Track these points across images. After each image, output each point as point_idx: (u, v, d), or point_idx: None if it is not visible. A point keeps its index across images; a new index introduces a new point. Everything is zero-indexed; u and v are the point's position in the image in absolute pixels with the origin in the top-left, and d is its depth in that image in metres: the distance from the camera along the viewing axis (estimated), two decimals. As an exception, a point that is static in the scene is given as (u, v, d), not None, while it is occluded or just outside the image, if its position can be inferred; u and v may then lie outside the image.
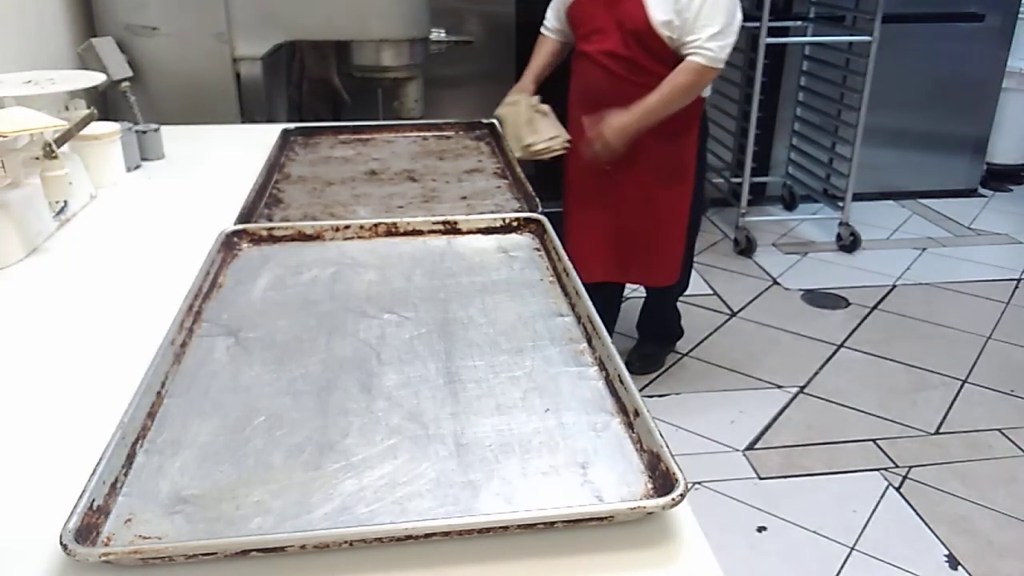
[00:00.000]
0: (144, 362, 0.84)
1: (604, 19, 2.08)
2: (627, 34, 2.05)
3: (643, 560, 0.65)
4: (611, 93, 2.12)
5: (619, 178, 2.23)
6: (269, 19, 2.09)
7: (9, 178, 1.21)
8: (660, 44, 2.04)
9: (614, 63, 2.10)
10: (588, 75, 2.17)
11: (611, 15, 2.07)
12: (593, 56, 2.12)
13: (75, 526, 0.62)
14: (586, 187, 2.28)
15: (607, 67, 2.11)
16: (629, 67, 2.09)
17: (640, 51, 2.06)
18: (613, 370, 0.85)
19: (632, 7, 2.02)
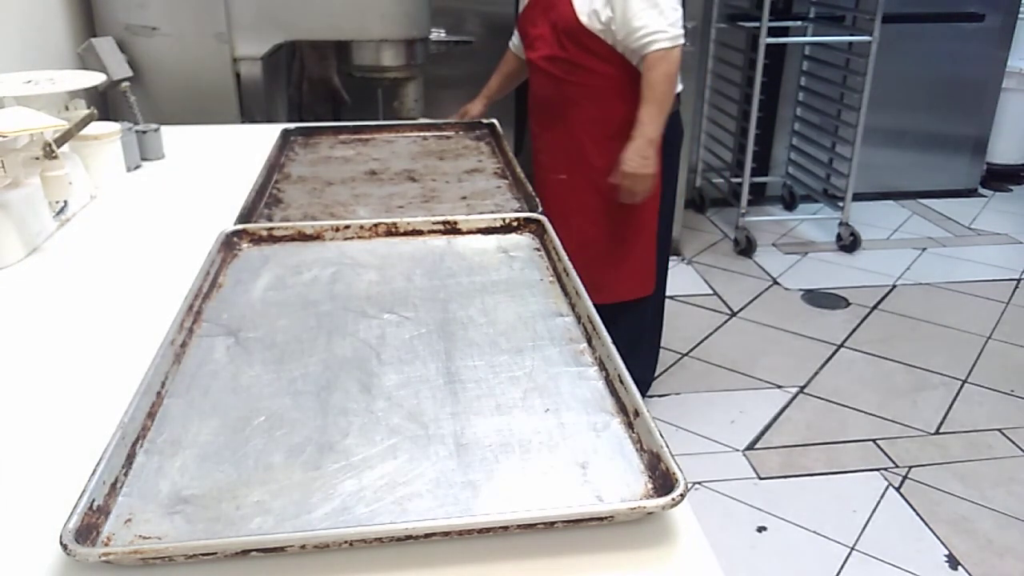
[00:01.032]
0: (144, 362, 0.84)
1: (543, 25, 2.04)
2: (561, 35, 2.01)
3: (643, 560, 0.65)
4: (555, 97, 2.09)
5: (573, 184, 2.13)
6: (269, 19, 2.09)
7: (9, 178, 1.21)
8: (594, 40, 1.98)
9: (554, 67, 2.05)
10: (534, 83, 2.14)
11: (547, 19, 2.03)
12: (536, 63, 2.09)
13: (75, 526, 0.62)
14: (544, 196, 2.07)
15: (549, 72, 2.07)
16: (568, 68, 2.03)
17: (576, 50, 2.00)
18: (613, 370, 0.85)
19: (562, 7, 1.98)
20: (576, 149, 2.09)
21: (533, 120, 2.19)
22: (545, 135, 2.16)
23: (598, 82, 2.03)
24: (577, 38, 1.98)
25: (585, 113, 2.06)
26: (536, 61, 2.08)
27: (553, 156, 2.14)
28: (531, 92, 2.17)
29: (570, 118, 2.08)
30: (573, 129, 2.09)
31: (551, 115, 2.10)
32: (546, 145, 2.16)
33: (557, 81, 2.05)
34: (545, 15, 2.03)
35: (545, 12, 2.03)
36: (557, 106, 2.08)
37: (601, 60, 2.00)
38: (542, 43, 2.04)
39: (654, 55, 1.95)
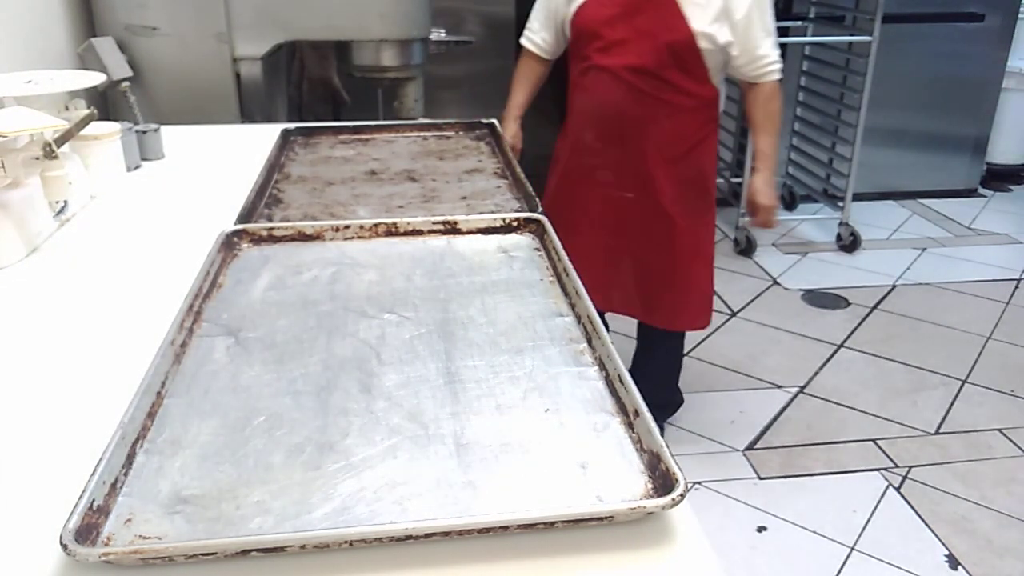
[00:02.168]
0: (144, 362, 0.84)
1: (626, 30, 1.85)
2: (661, 47, 1.83)
3: (643, 560, 0.65)
4: (634, 111, 1.92)
5: (639, 205, 2.01)
6: (269, 19, 2.09)
7: (9, 178, 1.21)
8: (696, 58, 1.85)
9: (639, 79, 1.88)
10: (606, 92, 1.93)
11: (635, 25, 1.84)
12: (614, 71, 1.89)
13: (75, 526, 0.62)
14: (605, 214, 2.04)
15: (631, 83, 1.88)
16: (657, 84, 1.88)
17: (673, 66, 1.86)
18: (613, 370, 0.85)
19: (668, 16, 1.81)
20: (645, 169, 1.96)
21: (593, 131, 1.99)
22: (611, 150, 1.98)
23: (682, 101, 1.91)
24: (682, 56, 1.84)
25: (662, 132, 1.94)
26: (615, 69, 1.89)
27: (620, 173, 2.00)
28: (595, 100, 1.97)
29: (645, 135, 1.94)
30: (646, 147, 1.95)
31: (623, 129, 1.94)
32: (611, 161, 1.99)
33: (639, 95, 1.89)
34: (633, 20, 1.85)
35: (633, 16, 1.85)
36: (634, 121, 1.92)
37: (694, 80, 1.89)
38: (628, 51, 1.86)
39: (772, 85, 1.92)
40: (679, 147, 1.95)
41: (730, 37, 1.82)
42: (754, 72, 1.90)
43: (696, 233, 2.07)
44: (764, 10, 1.84)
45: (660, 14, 1.82)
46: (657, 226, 2.02)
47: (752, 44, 1.85)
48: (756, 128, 1.98)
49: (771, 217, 1.99)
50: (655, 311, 2.14)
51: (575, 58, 1.98)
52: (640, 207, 2.00)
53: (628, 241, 2.05)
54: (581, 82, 1.97)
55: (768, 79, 1.91)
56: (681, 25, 1.80)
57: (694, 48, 1.83)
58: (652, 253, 2.06)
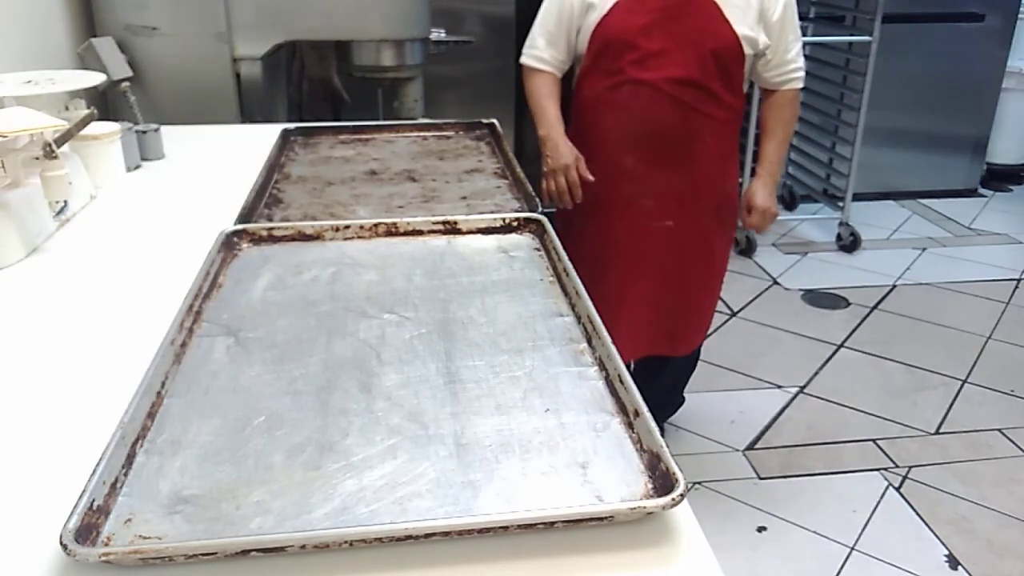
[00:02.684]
0: (144, 362, 0.84)
1: (664, 38, 1.68)
2: (706, 55, 1.68)
3: (643, 560, 0.65)
4: (681, 129, 1.75)
5: (678, 232, 1.84)
6: (269, 19, 2.09)
7: (9, 178, 1.21)
8: (739, 65, 1.73)
9: (684, 92, 1.71)
10: (648, 109, 1.73)
11: (675, 33, 1.68)
12: (655, 85, 1.71)
13: (75, 526, 0.62)
14: (643, 249, 1.85)
15: (675, 97, 1.71)
16: (701, 96, 1.72)
17: (718, 76, 1.71)
18: (613, 370, 0.85)
19: (711, 21, 1.67)
20: (691, 191, 1.81)
21: (634, 154, 1.78)
22: (654, 174, 1.79)
23: (723, 114, 1.78)
24: (726, 63, 1.71)
25: (708, 149, 1.80)
26: (656, 83, 1.70)
27: (662, 200, 1.81)
28: (633, 119, 1.75)
29: (692, 154, 1.79)
30: (694, 167, 1.80)
31: (668, 149, 1.77)
32: (654, 187, 1.80)
33: (685, 109, 1.73)
34: (671, 28, 1.68)
35: (671, 23, 1.68)
36: (679, 139, 1.76)
37: (731, 91, 1.77)
38: (669, 62, 1.69)
39: (794, 92, 1.85)
40: (719, 164, 1.85)
41: (768, 40, 1.73)
42: (780, 77, 1.82)
43: (726, 255, 1.96)
44: (794, 12, 1.75)
45: (702, 19, 1.68)
46: (696, 254, 1.88)
47: (784, 47, 1.77)
48: (767, 133, 1.88)
49: (765, 220, 1.89)
50: (680, 341, 2.00)
51: (597, 73, 1.77)
52: (680, 235, 1.84)
53: (664, 275, 1.87)
54: (613, 99, 1.75)
55: (792, 85, 1.83)
56: (726, 30, 1.68)
57: (739, 54, 1.71)
58: (688, 285, 1.90)
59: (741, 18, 1.68)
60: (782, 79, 1.82)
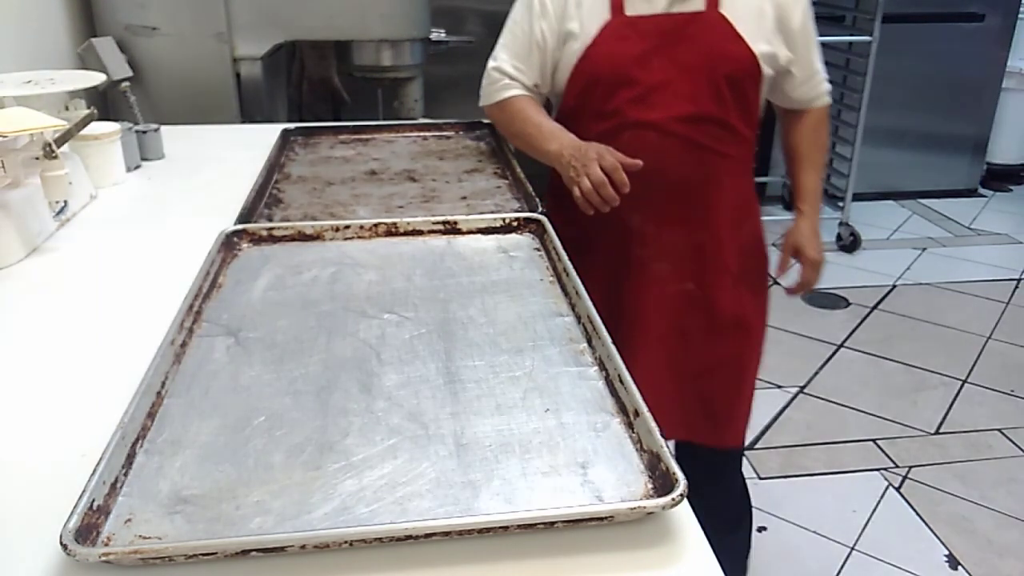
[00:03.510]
0: (144, 362, 0.84)
1: (666, 67, 1.36)
2: (719, 81, 1.36)
3: (643, 560, 0.65)
4: (697, 175, 1.43)
5: (701, 296, 1.50)
6: (269, 19, 2.09)
7: (9, 178, 1.21)
8: (757, 90, 1.42)
9: (698, 130, 1.39)
10: (657, 157, 1.36)
11: (678, 58, 1.36)
12: (662, 126, 1.38)
13: (75, 526, 0.62)
14: (661, 318, 1.50)
15: (688, 138, 1.39)
16: (716, 132, 1.40)
17: (733, 105, 1.39)
18: (613, 370, 0.85)
19: (722, 39, 1.36)
20: (713, 246, 1.48)
21: (643, 212, 1.43)
22: (668, 232, 1.46)
23: (741, 151, 1.47)
24: (743, 88, 1.39)
25: (728, 194, 1.47)
26: (663, 123, 1.38)
27: (679, 260, 1.48)
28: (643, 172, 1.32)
29: (710, 203, 1.46)
30: (714, 218, 1.47)
31: (683, 201, 1.44)
32: (668, 246, 1.47)
33: (700, 152, 1.41)
34: (676, 54, 1.36)
35: (671, 47, 1.36)
36: (696, 187, 1.44)
37: (749, 120, 1.45)
38: (675, 96, 1.37)
39: (824, 109, 1.55)
40: (741, 208, 1.53)
41: (789, 53, 1.43)
42: (809, 94, 1.52)
43: (763, 315, 1.62)
44: (812, 16, 1.46)
45: (710, 39, 1.36)
46: (725, 319, 1.53)
47: (809, 58, 1.47)
48: (801, 161, 1.57)
49: (818, 275, 1.58)
50: (723, 428, 1.61)
51: (585, 116, 1.42)
52: (704, 299, 1.51)
53: (690, 345, 1.53)
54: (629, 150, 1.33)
55: (822, 102, 1.54)
56: (740, 49, 1.36)
57: (757, 76, 1.39)
58: (719, 354, 1.56)
59: (757, 31, 1.37)
60: (811, 95, 1.53)
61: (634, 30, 1.37)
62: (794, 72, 1.46)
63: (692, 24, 1.36)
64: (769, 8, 1.39)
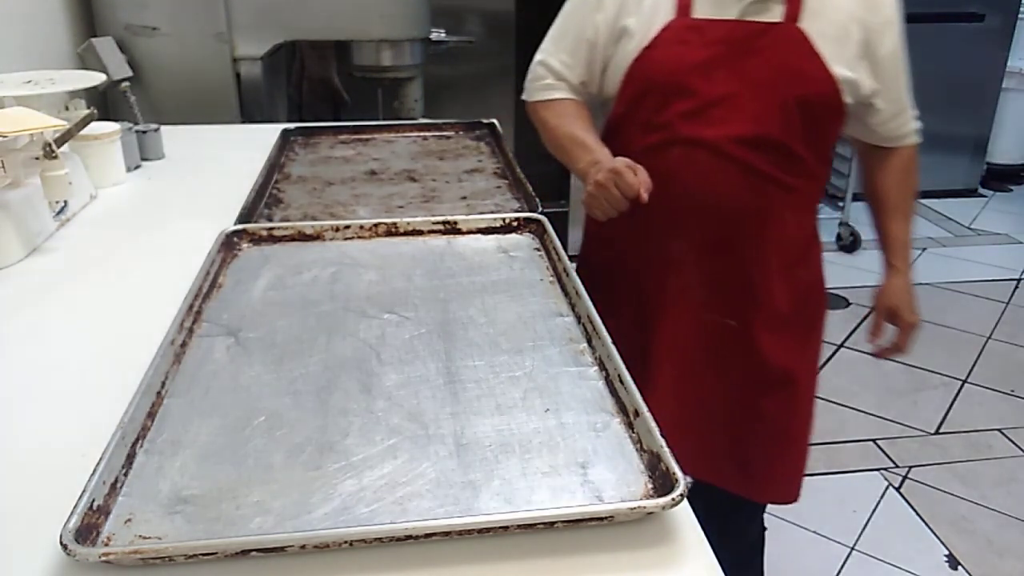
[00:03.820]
0: (144, 362, 0.84)
1: (730, 80, 1.21)
2: (789, 104, 1.21)
3: (643, 560, 0.65)
4: (751, 205, 1.27)
5: (743, 335, 1.35)
6: (269, 19, 2.09)
7: (9, 178, 1.21)
8: (832, 119, 1.28)
9: (758, 155, 1.23)
10: (707, 180, 1.25)
11: (745, 73, 1.21)
12: (717, 146, 1.23)
13: (75, 526, 0.62)
14: (696, 345, 1.37)
15: (746, 163, 1.23)
16: (781, 160, 1.25)
17: (801, 132, 1.24)
18: (613, 370, 0.85)
19: (798, 58, 1.21)
20: (763, 285, 1.32)
21: (685, 239, 1.31)
22: (710, 262, 1.32)
23: (805, 184, 1.31)
24: (816, 116, 1.24)
25: (786, 231, 1.32)
26: (719, 143, 1.23)
27: (721, 292, 1.34)
28: (687, 194, 1.26)
29: (763, 237, 1.30)
30: (762, 254, 1.31)
31: (732, 231, 1.29)
32: (709, 276, 1.33)
33: (757, 180, 1.25)
34: (743, 68, 1.21)
35: (742, 63, 1.21)
36: (748, 218, 1.29)
37: (819, 153, 1.30)
38: (737, 114, 1.22)
39: (913, 149, 1.38)
40: (799, 247, 1.37)
41: (875, 84, 1.26)
42: (896, 131, 1.34)
43: (814, 372, 1.47)
44: (902, 46, 1.28)
45: (784, 54, 1.21)
46: (767, 366, 1.38)
47: (899, 91, 1.30)
48: (890, 209, 1.39)
49: (913, 340, 1.42)
50: (753, 479, 1.46)
51: (632, 126, 1.30)
52: (746, 338, 1.36)
53: (728, 386, 1.39)
54: (655, 164, 1.20)
55: (911, 140, 1.36)
56: (818, 70, 1.20)
57: (836, 104, 1.24)
58: (761, 407, 1.41)
59: (838, 53, 1.21)
60: (900, 132, 1.35)
61: (699, 35, 1.22)
62: (878, 106, 1.29)
63: (766, 36, 1.21)
64: (856, 30, 1.22)
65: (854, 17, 1.22)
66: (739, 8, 1.21)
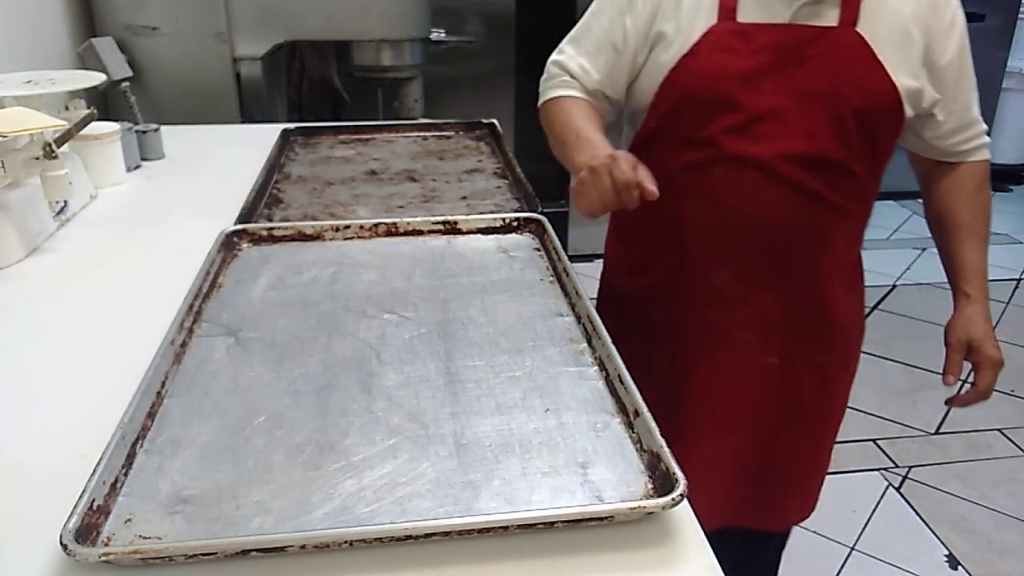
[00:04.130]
0: (144, 362, 0.84)
1: (778, 92, 1.10)
2: (847, 117, 1.10)
3: (643, 560, 0.65)
4: (804, 231, 1.16)
5: (790, 370, 1.25)
6: (269, 19, 2.09)
7: (9, 178, 1.21)
8: (891, 132, 1.16)
9: (813, 175, 1.12)
10: (752, 202, 1.14)
11: (796, 83, 1.09)
12: (767, 165, 1.11)
13: (75, 526, 0.62)
14: (734, 398, 1.26)
15: (799, 184, 1.12)
16: (838, 180, 1.14)
17: (859, 147, 1.13)
18: (613, 370, 0.85)
19: (857, 65, 1.09)
20: (812, 317, 1.23)
21: (732, 268, 1.19)
22: (762, 297, 1.20)
23: (860, 206, 1.22)
24: (873, 128, 1.12)
25: (838, 256, 1.22)
26: (769, 161, 1.11)
27: (769, 331, 1.22)
28: (735, 218, 1.15)
29: (819, 266, 1.20)
30: (819, 284, 1.21)
31: (785, 261, 1.18)
32: (761, 315, 1.21)
33: (811, 201, 1.14)
34: (794, 78, 1.09)
35: (792, 72, 1.09)
36: (801, 246, 1.18)
37: (875, 169, 1.20)
38: (788, 128, 1.10)
39: (984, 165, 1.25)
40: (849, 275, 1.27)
41: (936, 94, 1.15)
42: (965, 145, 1.22)
43: (846, 397, 1.37)
44: (969, 51, 1.16)
45: (841, 62, 1.09)
46: (807, 402, 1.28)
47: (964, 102, 1.18)
48: (958, 230, 1.25)
49: (994, 378, 1.29)
50: (771, 511, 1.39)
51: (668, 141, 1.18)
52: (788, 376, 1.25)
53: (758, 428, 1.29)
54: (696, 185, 1.15)
55: (981, 155, 1.24)
56: (879, 79, 1.09)
57: (897, 116, 1.12)
58: (792, 441, 1.31)
59: (902, 60, 1.10)
60: (968, 147, 1.22)
61: (745, 41, 1.10)
62: (940, 117, 1.18)
63: (819, 41, 1.09)
64: (917, 34, 1.10)
65: (916, 19, 1.10)
66: (790, 11, 1.09)
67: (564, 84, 1.23)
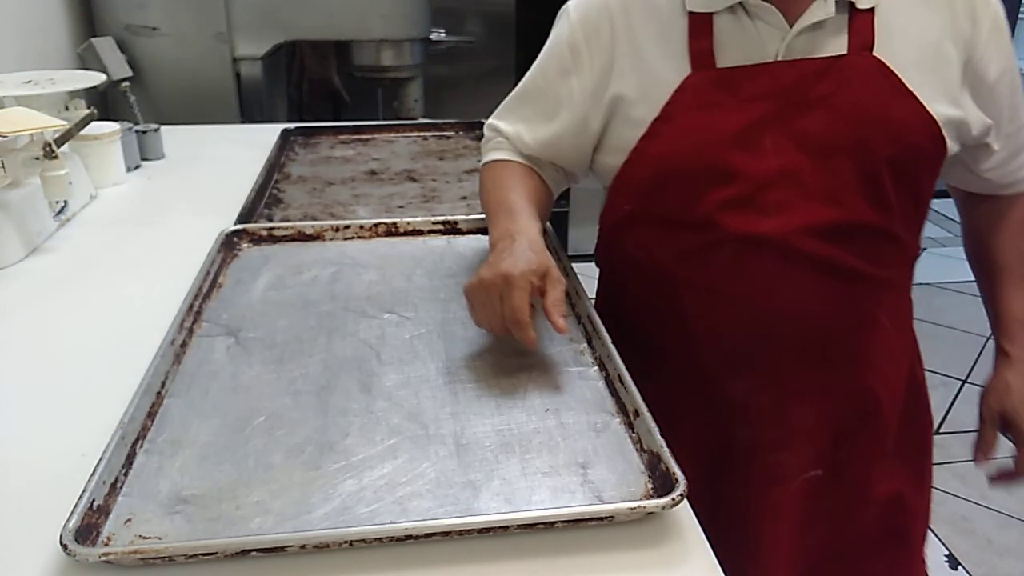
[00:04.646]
0: (144, 362, 0.84)
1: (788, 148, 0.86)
2: (879, 168, 0.86)
3: (643, 560, 0.65)
4: (842, 322, 0.93)
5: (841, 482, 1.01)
6: (269, 19, 2.09)
7: (9, 178, 1.21)
8: (932, 173, 0.92)
9: (843, 247, 0.88)
10: (770, 293, 0.90)
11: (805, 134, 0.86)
12: (784, 243, 0.88)
13: (75, 526, 0.62)
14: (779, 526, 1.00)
15: (828, 260, 0.88)
16: (876, 248, 0.91)
17: (899, 201, 0.88)
18: (613, 370, 0.85)
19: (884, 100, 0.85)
20: (859, 419, 0.99)
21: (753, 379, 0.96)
22: (793, 408, 0.97)
23: (904, 274, 0.99)
24: (913, 175, 0.89)
25: (887, 341, 0.98)
26: (786, 239, 0.88)
27: (808, 446, 0.98)
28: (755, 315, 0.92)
29: (864, 357, 0.97)
30: (863, 382, 0.98)
31: (820, 361, 0.94)
32: (794, 429, 0.98)
33: (848, 281, 0.91)
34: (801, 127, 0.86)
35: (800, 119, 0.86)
36: (840, 339, 0.94)
37: (915, 221, 0.94)
38: (803, 195, 0.87)
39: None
40: (902, 358, 1.03)
41: (987, 119, 0.91)
42: (1014, 176, 1.00)
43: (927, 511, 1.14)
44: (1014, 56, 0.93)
45: (862, 98, 0.85)
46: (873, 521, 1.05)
47: (1019, 121, 0.95)
48: (1006, 275, 1.05)
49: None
50: None
51: (659, 225, 0.94)
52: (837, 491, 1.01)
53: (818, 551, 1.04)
54: (692, 276, 0.94)
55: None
56: (914, 114, 0.86)
57: (938, 158, 0.89)
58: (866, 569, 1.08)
59: (937, 84, 0.87)
60: (1017, 178, 1.01)
61: (732, 91, 0.87)
62: (996, 146, 0.95)
63: (829, 76, 0.85)
64: (952, 50, 0.87)
65: (948, 32, 0.87)
66: (783, 44, 0.86)
67: (498, 147, 1.06)
